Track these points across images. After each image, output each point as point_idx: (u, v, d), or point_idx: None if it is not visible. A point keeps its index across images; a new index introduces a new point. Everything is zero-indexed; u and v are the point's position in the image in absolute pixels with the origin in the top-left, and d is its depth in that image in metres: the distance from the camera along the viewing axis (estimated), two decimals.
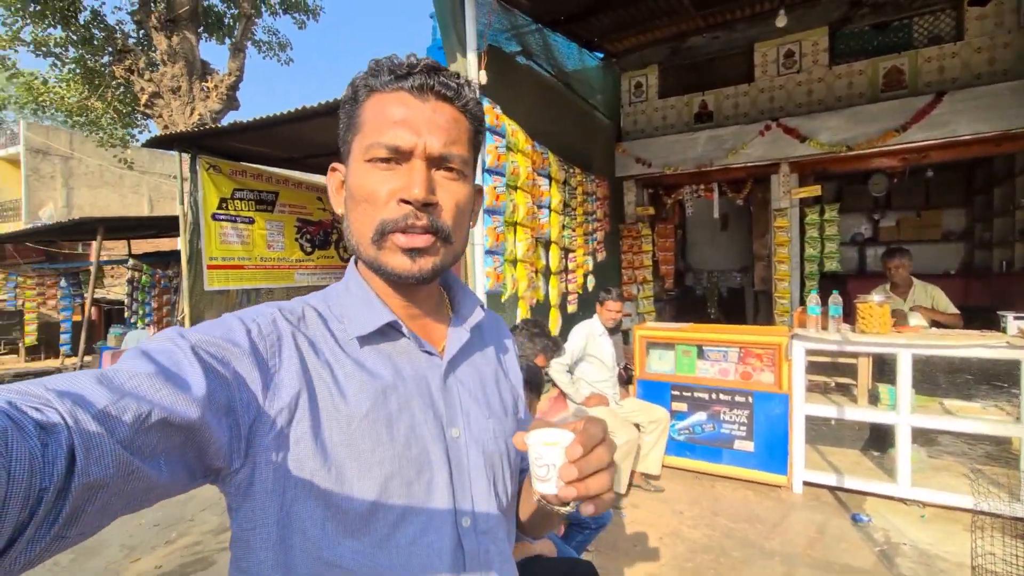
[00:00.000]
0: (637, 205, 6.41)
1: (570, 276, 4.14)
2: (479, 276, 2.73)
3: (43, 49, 5.84)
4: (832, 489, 3.67)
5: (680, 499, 3.76)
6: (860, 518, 3.21)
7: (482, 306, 0.77)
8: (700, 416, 4.16)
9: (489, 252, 2.75)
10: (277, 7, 7.51)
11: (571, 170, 4.10)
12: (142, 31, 5.89)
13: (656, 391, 4.30)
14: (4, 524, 0.34)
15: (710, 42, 5.83)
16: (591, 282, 4.49)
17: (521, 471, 0.81)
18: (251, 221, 5.39)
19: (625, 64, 6.24)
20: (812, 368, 4.02)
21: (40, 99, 6.41)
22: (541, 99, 3.98)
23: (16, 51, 5.68)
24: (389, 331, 0.66)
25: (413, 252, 0.61)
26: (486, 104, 2.75)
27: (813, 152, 5.17)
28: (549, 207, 3.56)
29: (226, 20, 7.24)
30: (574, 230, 4.13)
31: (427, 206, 0.61)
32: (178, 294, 6.80)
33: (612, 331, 3.95)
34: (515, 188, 3.03)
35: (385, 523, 0.59)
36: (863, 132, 5.03)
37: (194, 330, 0.55)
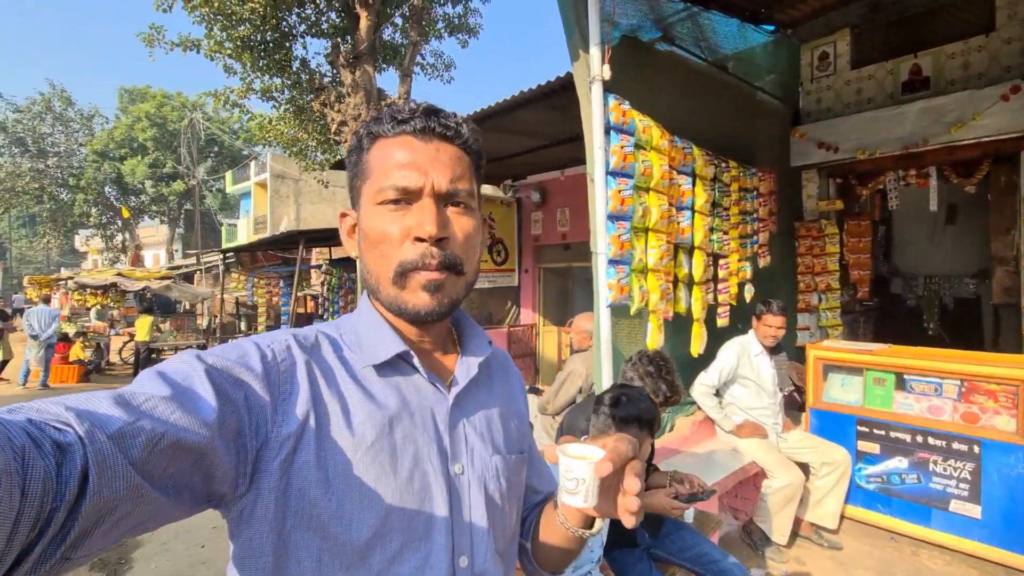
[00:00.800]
0: (820, 199, 5.40)
1: (720, 286, 3.63)
2: (601, 289, 2.52)
3: (268, 95, 7.23)
4: None
5: (863, 562, 3.03)
6: None
7: (490, 342, 0.76)
8: (899, 463, 3.31)
9: (612, 262, 2.52)
10: (442, 31, 8.14)
11: (724, 164, 3.59)
12: (334, 69, 6.89)
13: (835, 425, 3.54)
14: (13, 542, 0.34)
15: None
16: (749, 292, 3.89)
17: (535, 504, 0.82)
18: None
19: (805, 34, 5.29)
20: None
21: (268, 135, 7.97)
22: (686, 88, 3.56)
23: (249, 99, 7.15)
24: (399, 362, 0.66)
25: (432, 287, 0.63)
26: (612, 101, 2.53)
27: None
28: (692, 208, 3.16)
29: (401, 50, 8.09)
30: (726, 232, 3.61)
31: (440, 241, 0.62)
32: (357, 294, 7.87)
33: (773, 350, 3.36)
34: (646, 190, 2.73)
35: (382, 558, 0.58)
36: None
37: (210, 353, 0.55)
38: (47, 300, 9.49)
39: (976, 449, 3.03)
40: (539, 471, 0.85)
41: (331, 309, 9.10)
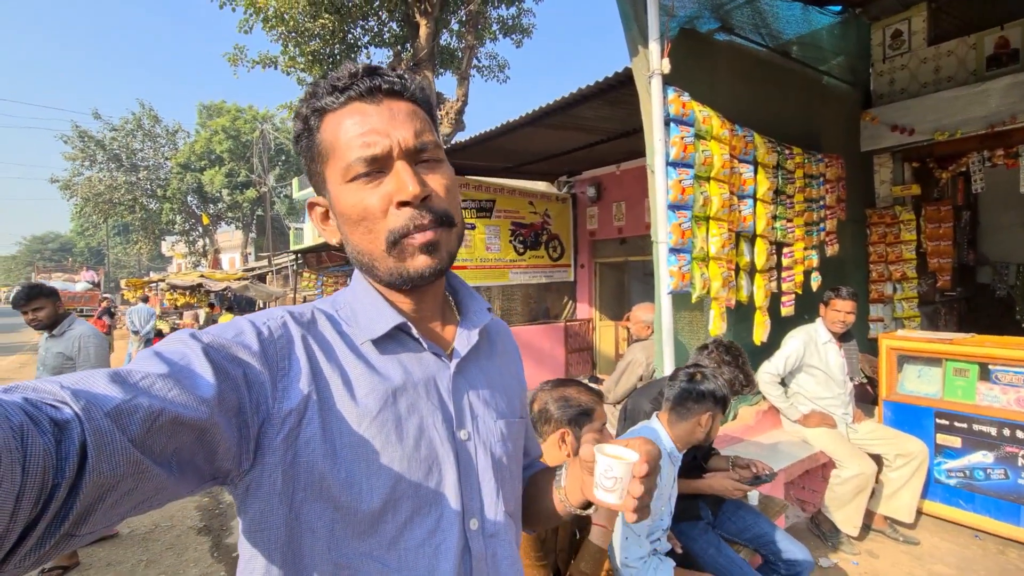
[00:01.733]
0: (894, 184, 5.14)
1: (785, 274, 3.58)
2: (663, 276, 2.59)
3: None
4: None
5: (942, 558, 2.93)
6: None
7: (489, 309, 0.76)
8: (983, 457, 3.16)
9: (673, 250, 2.58)
10: (497, 33, 8.34)
11: (787, 151, 3.54)
12: None
13: (911, 417, 3.42)
14: (16, 519, 0.34)
15: None
16: (816, 280, 3.80)
17: (523, 468, 0.82)
18: (472, 227, 6.13)
19: (876, 12, 5.05)
20: None
21: None
22: (747, 77, 3.54)
23: None
24: (398, 334, 0.66)
25: (429, 247, 0.62)
26: (672, 94, 2.59)
27: None
28: (753, 196, 3.15)
29: (457, 54, 8.36)
30: (790, 220, 3.55)
31: (425, 200, 0.61)
32: None
33: (843, 338, 3.28)
34: (707, 179, 2.77)
35: (394, 525, 0.59)
36: None
37: (206, 332, 0.56)
38: (145, 300, 10.52)
39: None
40: (529, 436, 0.87)
41: None
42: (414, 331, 0.66)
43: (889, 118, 4.83)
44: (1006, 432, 3.07)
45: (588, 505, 0.71)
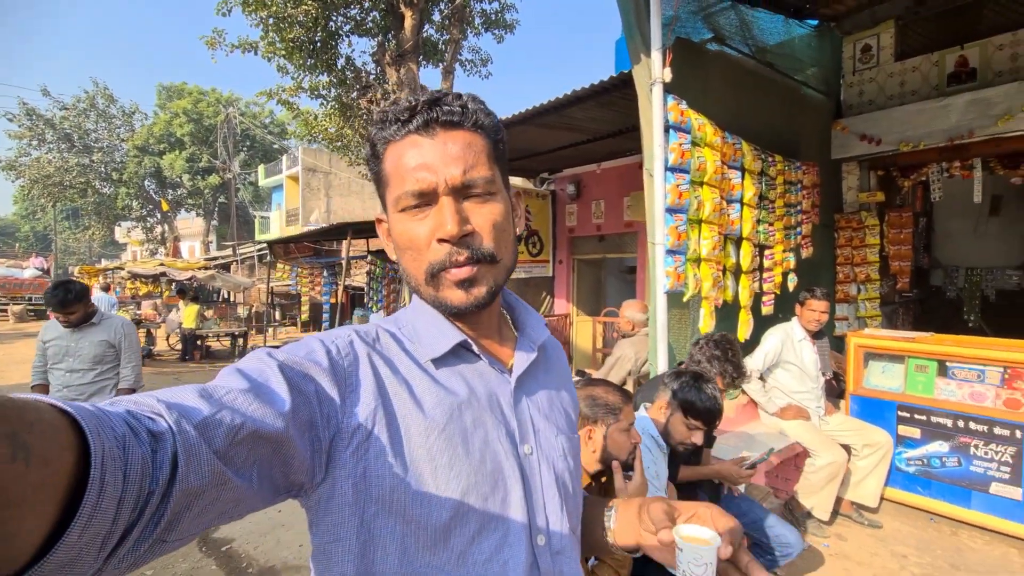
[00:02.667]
0: (861, 191, 5.45)
1: (766, 275, 3.78)
2: (659, 276, 2.71)
3: (316, 92, 7.55)
4: None
5: (903, 540, 3.18)
6: None
7: (546, 325, 0.78)
8: (939, 447, 3.43)
9: (670, 251, 2.71)
10: (480, 27, 8.32)
11: (770, 158, 3.72)
12: (379, 68, 7.15)
13: (875, 410, 3.67)
14: (118, 521, 0.36)
15: None
16: (792, 281, 4.02)
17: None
18: None
19: (848, 27, 5.33)
20: None
21: (313, 131, 8.31)
22: (735, 85, 3.70)
23: (299, 97, 7.49)
24: (460, 351, 0.68)
25: (464, 283, 0.63)
26: (671, 101, 2.70)
27: None
28: (741, 201, 3.31)
29: (440, 46, 8.31)
30: (772, 224, 3.75)
31: (465, 237, 0.62)
32: (401, 284, 8.18)
33: (816, 336, 3.50)
34: (700, 184, 2.91)
35: (462, 538, 0.60)
36: None
37: (281, 350, 0.58)
38: (106, 289, 10.07)
39: (1018, 434, 3.14)
40: None
41: (375, 298, 9.47)
42: (475, 347, 0.68)
43: (858, 128, 5.11)
44: (960, 424, 3.34)
45: (637, 549, 0.73)
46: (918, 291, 6.64)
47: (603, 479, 1.60)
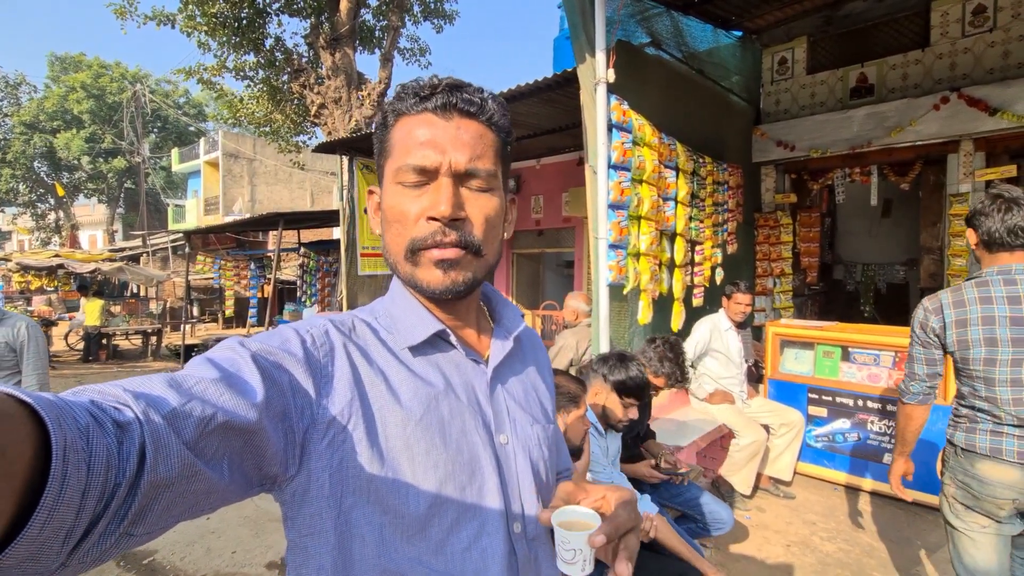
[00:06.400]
0: (776, 192, 5.92)
1: (696, 269, 4.03)
2: (602, 270, 2.83)
3: (241, 73, 7.08)
4: None
5: (813, 509, 3.52)
6: None
7: (522, 316, 0.79)
8: (842, 424, 3.83)
9: (612, 246, 2.83)
10: (419, 15, 8.16)
11: (701, 159, 3.97)
12: (312, 51, 6.83)
13: (790, 393, 4.03)
14: (82, 514, 0.35)
15: (873, 6, 5.14)
16: (719, 275, 4.32)
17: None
18: None
19: (767, 40, 5.76)
20: None
21: (238, 114, 7.80)
22: (671, 89, 3.90)
23: (223, 77, 6.99)
24: (437, 340, 0.68)
25: (444, 264, 0.63)
26: (613, 101, 2.81)
27: (1008, 126, 4.35)
28: (675, 199, 3.51)
29: (376, 32, 8.06)
30: (702, 222, 4.01)
31: (455, 221, 0.62)
32: (337, 277, 7.89)
33: (740, 326, 3.78)
34: (640, 181, 3.05)
35: (440, 528, 0.60)
36: None
37: (254, 340, 0.57)
38: None
39: None
40: (561, 446, 0.88)
41: (309, 292, 9.06)
42: (452, 337, 0.68)
43: (775, 134, 5.55)
44: (860, 403, 3.75)
45: None
46: (823, 284, 7.33)
47: None
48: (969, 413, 1.75)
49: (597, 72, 2.68)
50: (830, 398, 3.88)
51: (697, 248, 4.04)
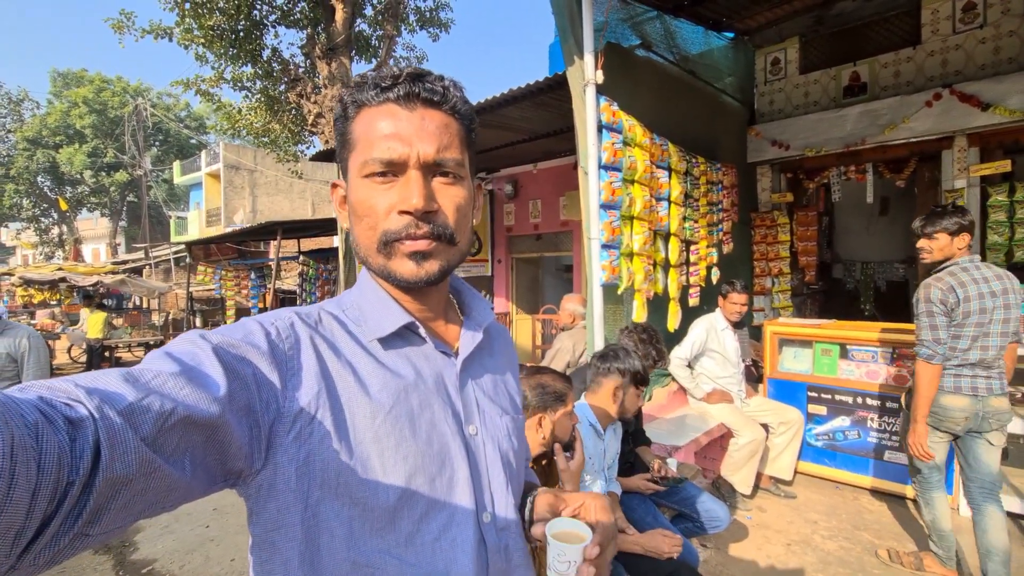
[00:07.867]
0: (772, 192, 5.93)
1: (692, 269, 4.03)
2: (595, 270, 2.83)
3: (238, 84, 7.15)
4: (1017, 517, 3.14)
5: (814, 508, 3.50)
6: None
7: (492, 309, 0.80)
8: (842, 422, 3.81)
9: (605, 246, 2.84)
10: (415, 24, 8.24)
11: (693, 159, 3.98)
12: (309, 61, 6.90)
13: (789, 391, 4.02)
14: (32, 515, 0.34)
15: (864, 5, 5.17)
16: (715, 275, 4.32)
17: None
18: None
19: (760, 40, 5.79)
20: None
21: (237, 125, 7.86)
22: (662, 90, 3.92)
23: (220, 88, 7.05)
24: (405, 332, 0.67)
25: (418, 255, 0.63)
26: (603, 102, 2.83)
27: (1001, 121, 4.36)
28: (668, 199, 3.52)
29: (372, 41, 8.13)
30: (696, 221, 4.01)
31: (428, 213, 0.62)
32: (336, 285, 7.91)
33: (737, 325, 3.78)
34: (632, 182, 3.06)
35: (410, 520, 0.60)
36: None
37: (215, 332, 0.56)
38: None
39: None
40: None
41: (309, 301, 9.09)
42: (421, 330, 0.68)
43: (770, 134, 5.57)
44: (859, 400, 3.74)
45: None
46: (822, 283, 7.31)
47: (543, 462, 1.67)
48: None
49: (586, 74, 2.70)
50: (829, 396, 3.87)
51: (692, 248, 4.04)
